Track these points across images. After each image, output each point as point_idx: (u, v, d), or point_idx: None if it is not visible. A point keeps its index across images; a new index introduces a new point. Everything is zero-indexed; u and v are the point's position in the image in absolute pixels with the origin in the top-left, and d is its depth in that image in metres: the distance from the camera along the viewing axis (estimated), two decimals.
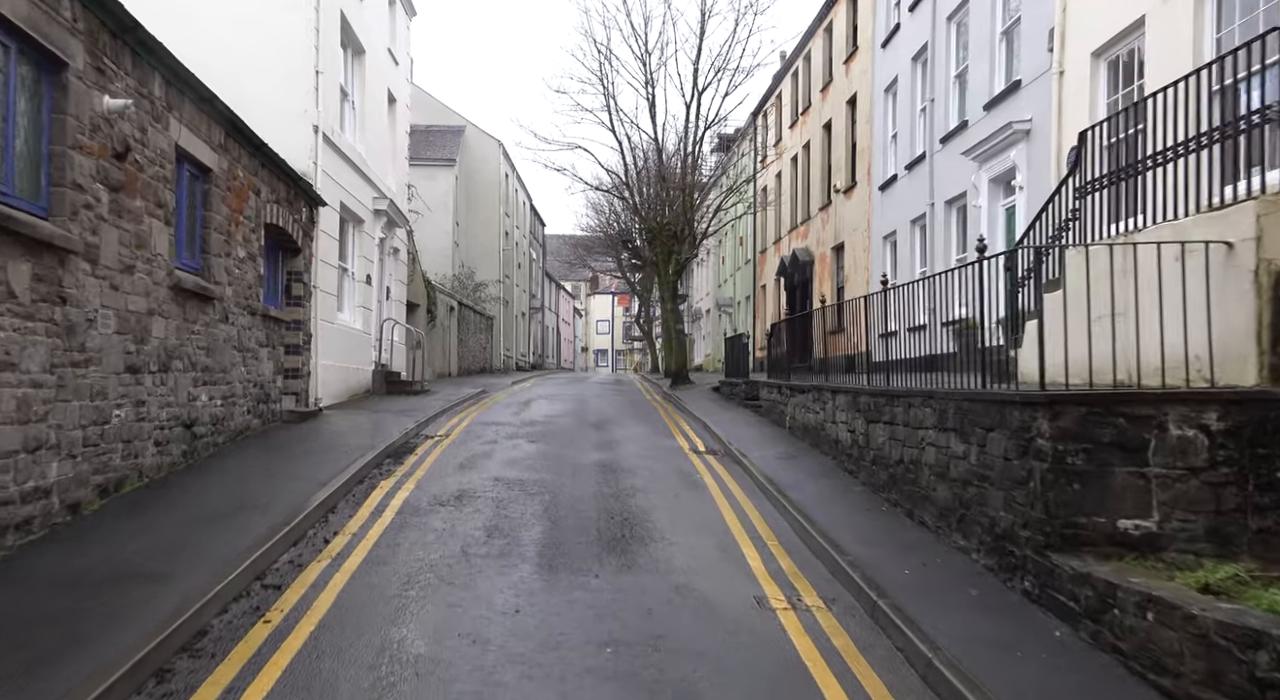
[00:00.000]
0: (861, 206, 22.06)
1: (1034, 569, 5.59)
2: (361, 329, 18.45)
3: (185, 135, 9.29)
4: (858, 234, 22.34)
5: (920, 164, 18.04)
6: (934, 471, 7.36)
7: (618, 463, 11.18)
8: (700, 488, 9.92)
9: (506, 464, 10.88)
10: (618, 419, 16.28)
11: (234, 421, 10.96)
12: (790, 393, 13.43)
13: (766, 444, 12.46)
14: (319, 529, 7.63)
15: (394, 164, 21.78)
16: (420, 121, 39.36)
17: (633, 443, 13.11)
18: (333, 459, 10.10)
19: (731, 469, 11.10)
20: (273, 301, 13.46)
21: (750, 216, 33.48)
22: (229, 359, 10.73)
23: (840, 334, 22.66)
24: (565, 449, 12.20)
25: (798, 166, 28.28)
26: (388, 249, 20.88)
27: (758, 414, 16.21)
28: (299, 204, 13.94)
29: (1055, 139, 12.41)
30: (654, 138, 25.18)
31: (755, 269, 34.27)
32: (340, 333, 16.77)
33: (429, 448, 12.10)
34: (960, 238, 16.64)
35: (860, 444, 9.60)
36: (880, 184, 20.61)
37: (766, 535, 7.90)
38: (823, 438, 11.37)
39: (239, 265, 11.16)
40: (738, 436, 13.22)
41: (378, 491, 9.13)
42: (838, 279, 24.57)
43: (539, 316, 56.03)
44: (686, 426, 15.46)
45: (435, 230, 35.82)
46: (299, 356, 14.22)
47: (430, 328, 26.88)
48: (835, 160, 24.31)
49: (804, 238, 27.35)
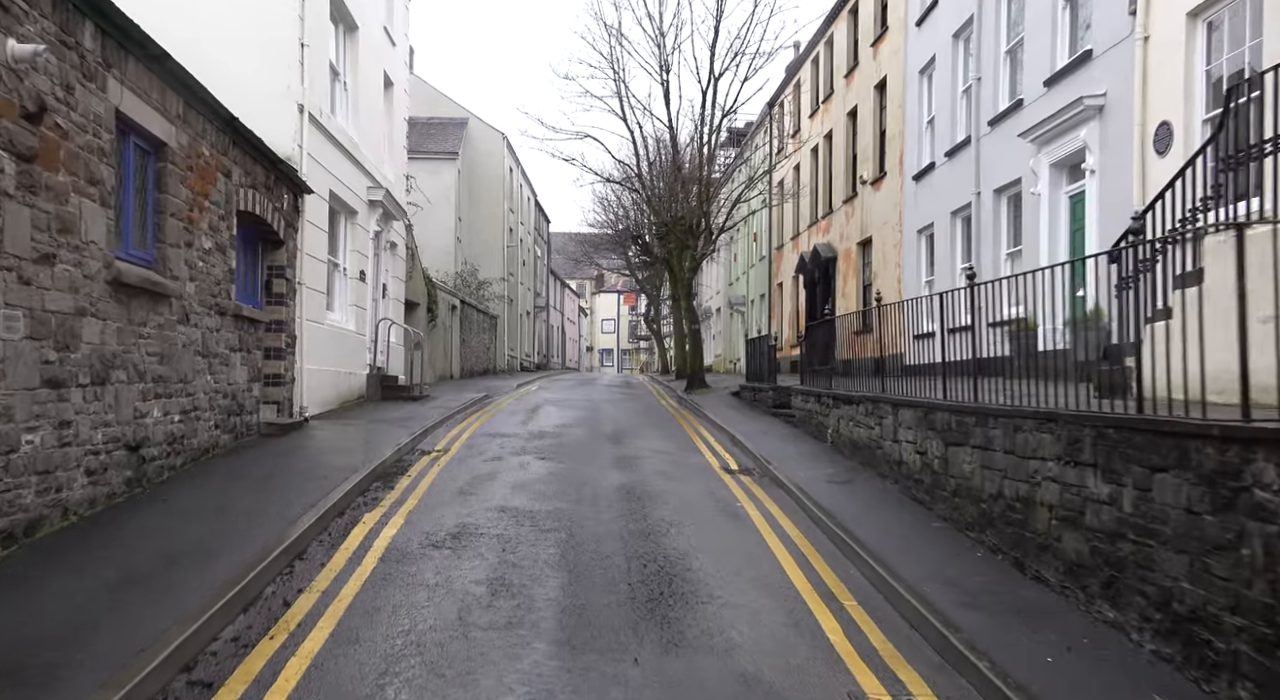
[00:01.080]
0: (892, 198, 20.45)
1: (1254, 674, 3.98)
2: (354, 330, 16.88)
3: (130, 100, 7.70)
4: (887, 228, 20.72)
5: (963, 150, 16.42)
6: (1058, 516, 5.77)
7: (642, 486, 9.59)
8: (743, 521, 8.32)
9: (513, 489, 9.29)
10: (634, 429, 14.68)
11: (197, 439, 9.37)
12: (834, 403, 11.83)
13: (809, 462, 10.86)
14: (280, 585, 6.04)
15: (391, 153, 20.19)
16: (421, 113, 37.83)
17: (655, 459, 11.52)
18: (310, 484, 8.51)
19: (774, 494, 9.50)
20: (249, 299, 11.88)
21: (765, 211, 31.87)
22: (190, 366, 9.15)
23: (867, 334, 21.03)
24: (580, 468, 10.62)
25: (818, 158, 26.66)
26: (384, 243, 19.30)
27: (790, 425, 14.60)
28: (280, 191, 12.36)
29: (1139, 114, 10.79)
30: (668, 125, 23.58)
31: (770, 266, 32.65)
32: (330, 334, 15.20)
33: (425, 467, 10.51)
34: (1012, 230, 15.03)
35: (935, 470, 8.00)
36: (914, 173, 19.00)
37: (840, 591, 6.30)
38: (879, 457, 9.77)
39: (204, 257, 9.58)
40: (773, 452, 11.63)
41: (360, 528, 7.54)
42: (863, 276, 22.95)
43: (544, 315, 54.47)
44: (711, 438, 13.86)
45: (437, 226, 34.32)
46: (280, 361, 12.64)
47: (431, 328, 25.32)
48: (861, 149, 22.69)
49: (825, 233, 25.73)
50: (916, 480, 8.48)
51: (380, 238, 19.08)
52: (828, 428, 12.10)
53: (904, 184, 19.75)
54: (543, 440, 12.94)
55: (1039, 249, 13.32)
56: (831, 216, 25.21)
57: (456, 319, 29.17)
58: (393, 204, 18.92)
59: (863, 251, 22.91)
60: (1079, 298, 10.88)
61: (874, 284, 21.69)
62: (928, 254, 18.78)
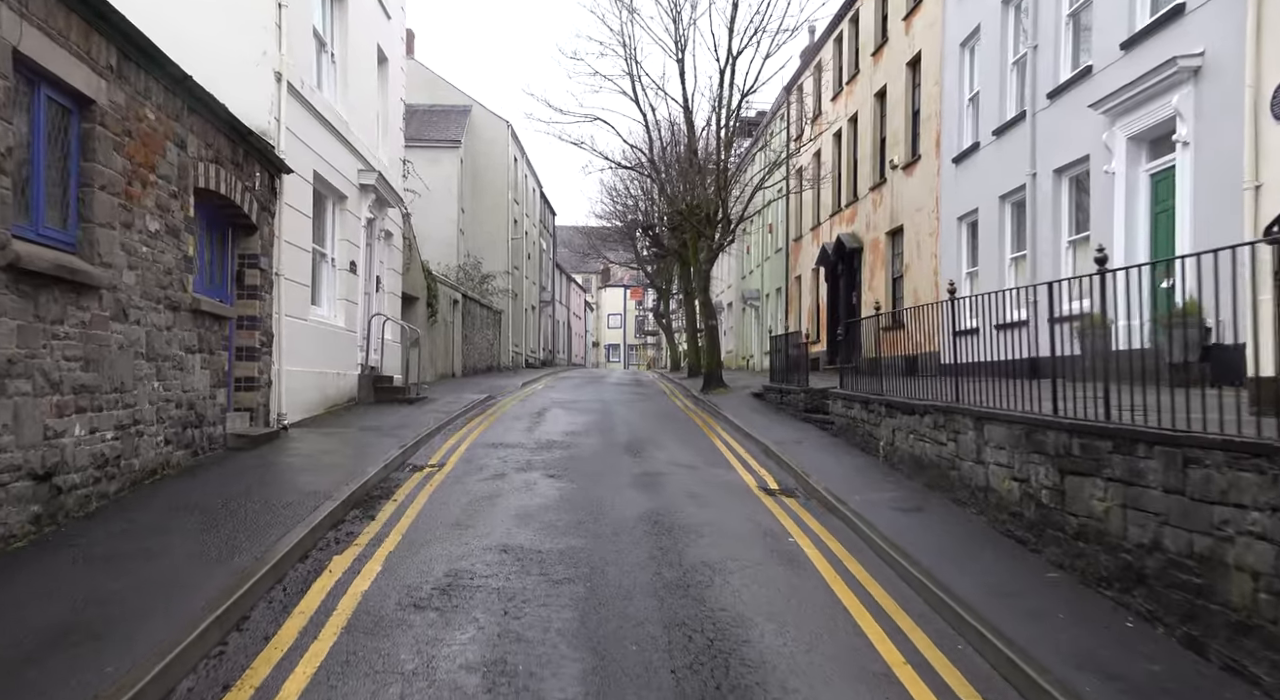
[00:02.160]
0: (927, 183, 18.79)
1: None
2: (344, 326, 15.30)
3: (35, 40, 6.09)
4: (922, 215, 19.07)
5: (1015, 127, 14.76)
6: (1271, 588, 4.16)
7: (670, 514, 7.99)
8: (801, 564, 6.70)
9: (518, 518, 7.69)
10: (653, 437, 13.08)
11: (140, 459, 7.79)
12: (887, 411, 10.20)
13: (862, 482, 9.25)
14: (200, 679, 4.45)
15: (385, 134, 18.59)
16: (422, 100, 36.25)
17: (681, 476, 9.92)
18: (270, 516, 6.93)
19: (829, 524, 7.89)
20: (216, 292, 10.31)
21: (781, 202, 30.21)
22: (129, 372, 7.57)
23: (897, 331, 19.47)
24: (595, 489, 9.02)
25: (842, 143, 24.99)
26: (378, 232, 17.71)
27: (826, 432, 12.99)
28: (252, 168, 10.77)
29: (1250, 74, 9.09)
30: (684, 105, 21.87)
31: (788, 258, 30.99)
32: (315, 331, 13.62)
33: (415, 488, 8.93)
34: (1074, 214, 13.38)
35: (1043, 503, 6.38)
36: (954, 156, 17.33)
37: (958, 684, 4.69)
38: (952, 480, 8.14)
39: (150, 241, 7.98)
40: (816, 468, 10.02)
41: (324, 579, 5.95)
42: (893, 268, 21.30)
43: (549, 310, 52.90)
44: (740, 449, 12.25)
45: (438, 217, 32.76)
46: (254, 362, 11.07)
47: (431, 323, 23.75)
48: (892, 132, 21.01)
49: (850, 222, 24.08)
50: (1013, 514, 6.86)
51: (374, 226, 17.49)
52: (879, 439, 10.48)
53: (941, 168, 18.09)
54: (551, 452, 11.34)
55: (1112, 235, 11.67)
56: (857, 204, 23.55)
57: (458, 314, 27.60)
58: (387, 190, 17.32)
59: (892, 241, 21.26)
60: (1164, 289, 9.28)
61: (906, 276, 20.06)
62: (969, 243, 17.13)
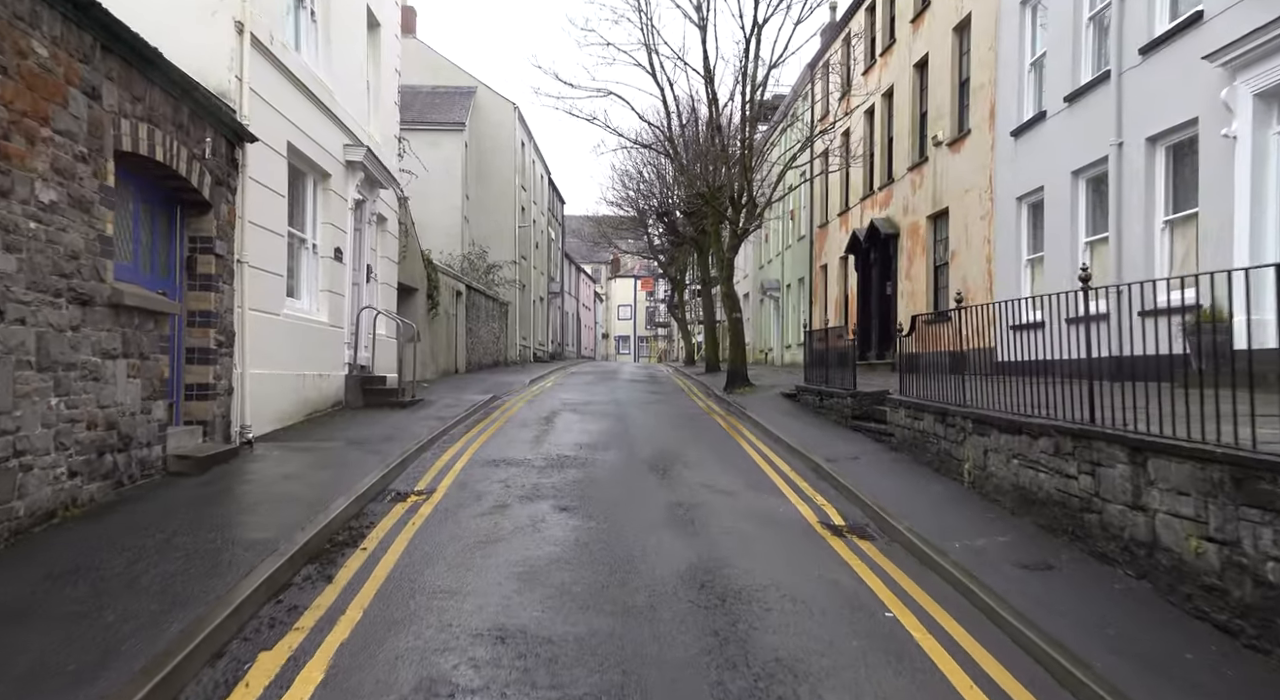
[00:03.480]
0: (978, 160, 16.77)
1: None
2: (327, 321, 13.41)
3: None
4: (971, 196, 17.06)
5: (1094, 91, 12.73)
6: None
7: (720, 570, 6.07)
8: (919, 667, 4.70)
9: (522, 579, 5.77)
10: (681, 450, 11.16)
11: (26, 501, 5.89)
12: (975, 427, 8.23)
13: (955, 520, 7.31)
14: None
15: (377, 108, 16.65)
16: (425, 81, 34.36)
17: (722, 507, 8.00)
18: (186, 585, 5.04)
19: (933, 587, 5.93)
20: (157, 282, 8.43)
21: (805, 186, 28.20)
22: (4, 388, 5.68)
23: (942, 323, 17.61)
24: (619, 528, 7.10)
25: (874, 120, 22.95)
26: (368, 216, 15.80)
27: (884, 445, 11.05)
28: (202, 132, 8.85)
29: None
30: (706, 75, 19.79)
31: (812, 246, 28.97)
32: (291, 328, 11.73)
33: (392, 528, 7.03)
34: (1172, 188, 11.36)
35: (1271, 582, 4.43)
36: (1013, 128, 15.31)
37: None
38: (1088, 526, 6.18)
39: (43, 216, 6.08)
40: (888, 497, 8.09)
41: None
42: (935, 255, 19.30)
43: (558, 301, 51.01)
44: (786, 466, 10.31)
45: (441, 204, 30.92)
46: (209, 366, 9.19)
47: (431, 316, 21.87)
48: (935, 105, 18.97)
49: (884, 206, 22.06)
50: (1208, 588, 4.90)
51: (363, 209, 15.58)
52: (961, 461, 8.53)
53: (996, 142, 16.07)
54: (562, 472, 9.43)
55: (1232, 209, 9.69)
56: (893, 186, 21.53)
57: (462, 306, 25.72)
58: (378, 169, 15.41)
59: (934, 226, 19.25)
60: None
61: (952, 263, 18.06)
62: (1031, 226, 15.13)
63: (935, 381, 9.89)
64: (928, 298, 19.26)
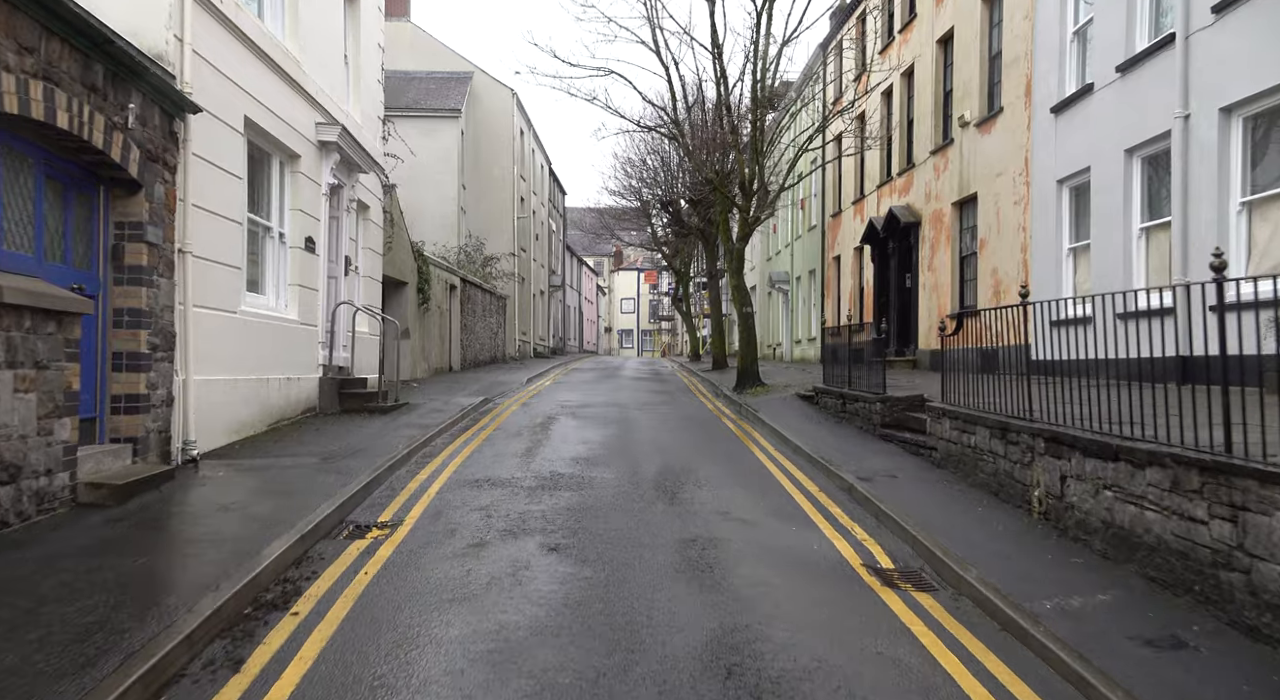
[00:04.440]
0: (1012, 141, 15.31)
1: None
2: (297, 319, 12.01)
3: None
4: (1003, 180, 15.60)
5: (1155, 58, 11.27)
6: None
7: (753, 648, 4.65)
8: None
9: (490, 665, 4.35)
10: (691, 465, 9.75)
11: None
12: (1047, 446, 6.79)
13: (1034, 566, 5.89)
14: None
15: (358, 86, 15.22)
16: (420, 67, 32.91)
17: (745, 543, 6.60)
18: (31, 686, 3.66)
19: (1031, 672, 4.51)
20: (69, 275, 7.04)
21: (816, 174, 26.74)
22: None
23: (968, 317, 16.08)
24: (619, 580, 5.68)
25: (893, 101, 21.46)
26: (347, 203, 14.37)
27: (925, 461, 9.63)
28: (124, 98, 7.43)
29: None
30: (714, 51, 18.24)
31: (824, 237, 27.49)
32: (251, 327, 10.34)
33: (339, 580, 5.63)
34: (1249, 164, 9.91)
35: None
36: (1054, 104, 13.84)
37: None
38: (1224, 588, 4.75)
39: None
40: (942, 530, 6.68)
41: None
42: (961, 244, 17.85)
43: (559, 295, 49.58)
44: (812, 485, 8.90)
45: (437, 194, 29.51)
46: (141, 373, 7.79)
47: (422, 311, 20.48)
48: (961, 83, 17.50)
49: (904, 193, 20.59)
50: None
51: (340, 195, 14.16)
52: (1029, 486, 7.10)
53: (1033, 120, 14.61)
54: (555, 496, 8.03)
55: None
56: (913, 172, 20.05)
57: (456, 300, 24.31)
58: (358, 152, 13.98)
59: (960, 213, 17.80)
60: None
61: (980, 253, 16.61)
62: (1073, 211, 13.67)
63: (984, 385, 8.44)
64: (953, 291, 17.82)
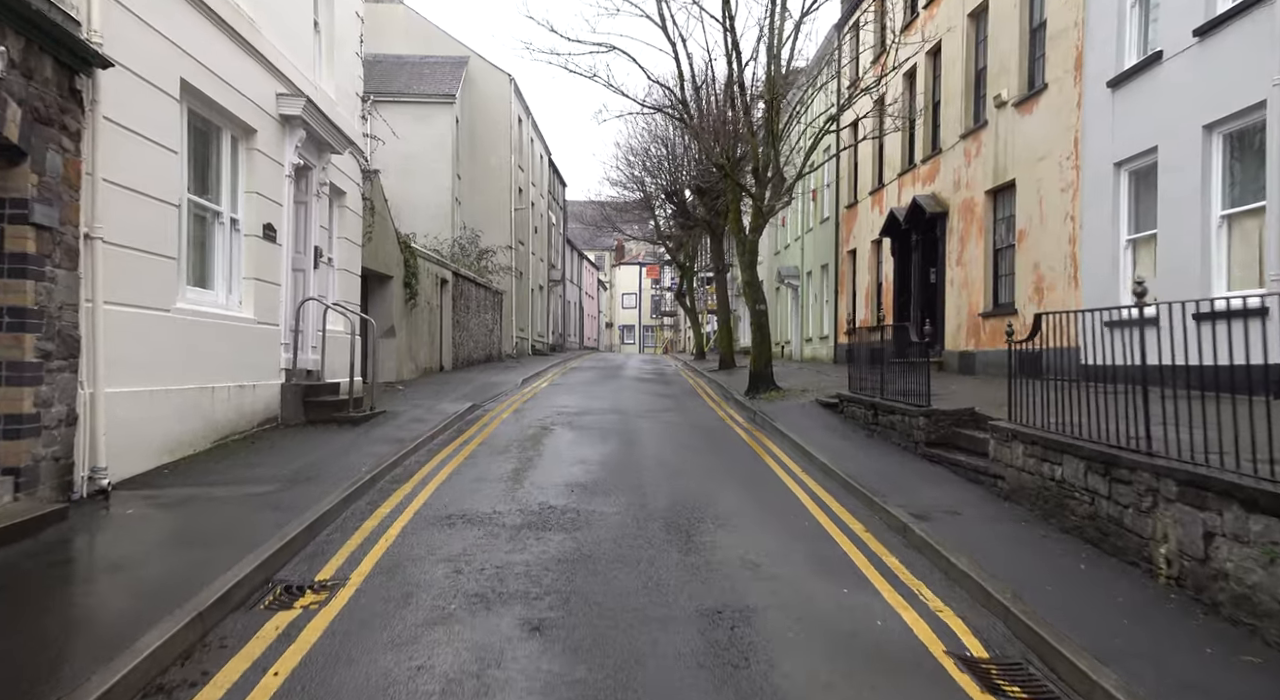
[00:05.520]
0: (1059, 120, 13.67)
1: None
2: (254, 317, 10.41)
3: None
4: (1048, 164, 13.97)
5: (1243, 18, 9.63)
6: None
7: None
8: None
9: None
10: (708, 495, 8.14)
11: None
12: (1181, 491, 5.16)
13: (1184, 660, 4.28)
14: None
15: (331, 56, 13.60)
16: (413, 51, 31.27)
17: (789, 620, 4.99)
18: None
19: None
20: None
21: (831, 161, 25.10)
22: None
23: (1000, 316, 14.57)
24: (624, 686, 4.09)
25: (915, 84, 19.81)
26: (316, 187, 12.74)
27: (985, 490, 8.02)
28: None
29: None
30: (726, 24, 16.60)
31: (838, 230, 25.85)
32: (190, 328, 8.73)
33: (229, 693, 4.04)
34: None
35: None
36: (1111, 77, 12.21)
37: None
38: None
39: None
40: (1040, 595, 5.08)
41: None
42: (995, 236, 16.23)
43: (559, 290, 47.96)
44: (859, 526, 7.27)
45: (430, 184, 27.93)
46: (23, 388, 6.23)
47: (410, 307, 18.88)
48: (997, 59, 15.85)
49: (928, 181, 18.95)
50: None
51: (309, 178, 12.53)
52: (1149, 541, 5.48)
53: (1084, 97, 12.98)
54: (543, 541, 6.43)
55: None
56: (939, 158, 18.41)
57: (448, 296, 22.71)
58: (329, 129, 12.35)
59: (995, 202, 16.17)
60: None
61: (1019, 246, 14.98)
62: (1133, 197, 12.06)
63: (1069, 399, 6.81)
64: (986, 287, 16.20)
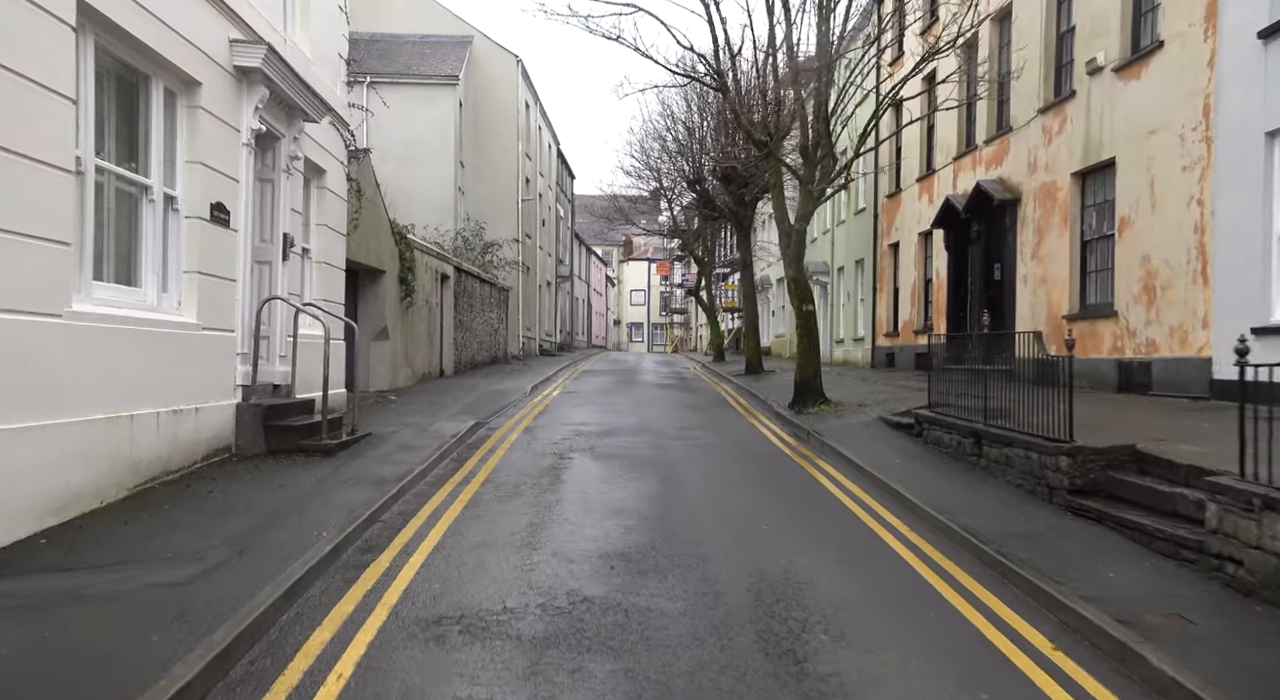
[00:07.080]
0: (1180, 83, 11.25)
1: None
2: (198, 321, 8.03)
3: None
4: (1163, 138, 11.55)
5: None
6: None
7: None
8: None
9: None
10: (806, 578, 5.73)
11: None
12: None
13: None
14: None
15: (306, 8, 11.19)
16: (413, 29, 28.85)
17: None
18: None
19: None
20: None
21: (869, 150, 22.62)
22: None
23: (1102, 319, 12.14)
24: None
25: (974, 55, 17.36)
26: (285, 161, 10.32)
27: (1201, 575, 5.58)
28: None
29: None
30: None
31: (877, 221, 23.43)
32: (93, 338, 6.35)
33: None
34: None
35: None
36: (1263, 28, 9.80)
37: None
38: None
39: None
40: None
41: None
42: (1084, 225, 13.80)
43: (567, 286, 45.59)
44: (1037, 636, 4.85)
45: (431, 173, 25.56)
46: None
47: (405, 306, 16.51)
48: (1090, 18, 13.41)
49: (993, 165, 16.53)
50: None
51: (277, 149, 10.14)
52: None
53: (1218, 53, 10.57)
54: (578, 678, 4.06)
55: None
56: (1008, 137, 15.98)
57: (449, 292, 20.33)
58: (299, 91, 9.94)
59: (1084, 185, 13.75)
60: None
61: (1120, 236, 12.56)
62: None
63: None
64: (1071, 284, 13.80)
